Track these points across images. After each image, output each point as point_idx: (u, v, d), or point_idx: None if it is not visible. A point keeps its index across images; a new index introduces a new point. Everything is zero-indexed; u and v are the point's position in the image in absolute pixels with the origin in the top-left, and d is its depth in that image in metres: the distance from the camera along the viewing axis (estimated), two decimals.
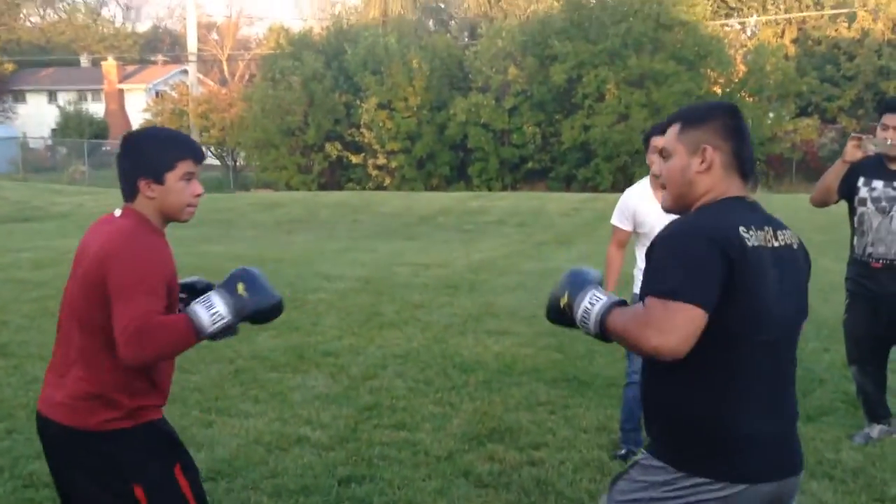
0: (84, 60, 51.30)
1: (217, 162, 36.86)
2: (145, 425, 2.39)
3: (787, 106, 28.93)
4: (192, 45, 35.31)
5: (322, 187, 30.06)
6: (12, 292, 8.60)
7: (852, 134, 4.27)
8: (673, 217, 2.20)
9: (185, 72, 39.69)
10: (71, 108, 41.80)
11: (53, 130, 41.53)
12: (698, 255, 1.90)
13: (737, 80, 28.92)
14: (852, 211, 4.42)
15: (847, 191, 4.36)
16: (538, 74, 28.34)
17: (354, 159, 30.27)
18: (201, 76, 39.61)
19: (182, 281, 2.58)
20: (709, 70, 28.53)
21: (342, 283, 9.21)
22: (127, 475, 2.35)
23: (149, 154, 2.43)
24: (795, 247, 2.09)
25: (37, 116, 44.90)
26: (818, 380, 5.57)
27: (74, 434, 2.37)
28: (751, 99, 28.72)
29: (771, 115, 28.69)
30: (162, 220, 2.49)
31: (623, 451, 4.22)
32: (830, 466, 4.09)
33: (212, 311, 2.25)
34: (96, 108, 44.49)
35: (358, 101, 30.11)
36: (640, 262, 4.22)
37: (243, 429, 4.64)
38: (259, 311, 2.34)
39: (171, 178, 2.41)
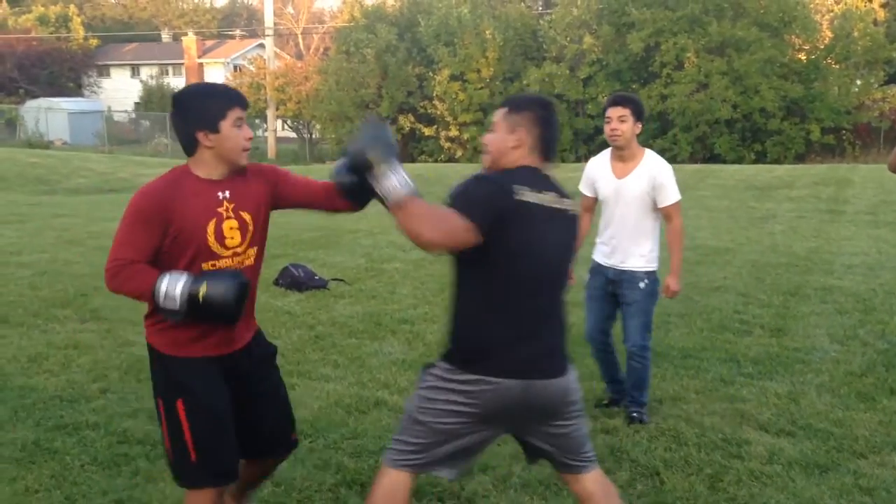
0: (165, 35, 52.60)
1: (293, 135, 37.46)
2: (183, 358, 2.73)
3: (876, 73, 27.72)
4: (268, 20, 35.78)
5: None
6: (103, 259, 8.92)
7: None
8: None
9: (262, 46, 40.28)
10: (153, 83, 43.00)
11: (136, 104, 42.81)
12: (483, 191, 2.47)
13: (822, 47, 27.85)
14: None
15: None
16: (614, 43, 27.82)
17: (427, 131, 30.35)
18: (277, 50, 40.14)
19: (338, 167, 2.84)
20: (793, 36, 27.54)
21: (416, 253, 9.30)
22: (156, 389, 2.81)
23: (201, 108, 2.66)
24: (570, 213, 2.62)
25: (121, 90, 46.37)
26: None
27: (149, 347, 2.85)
28: (837, 66, 27.65)
29: (858, 82, 27.57)
30: (224, 166, 2.70)
31: (605, 401, 4.59)
32: None
33: (170, 290, 2.57)
34: (177, 82, 45.61)
35: (431, 73, 30.12)
36: (603, 232, 4.37)
37: (324, 391, 4.78)
38: (208, 307, 2.59)
39: (225, 125, 2.63)
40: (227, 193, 2.69)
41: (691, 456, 3.87)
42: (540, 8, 33.42)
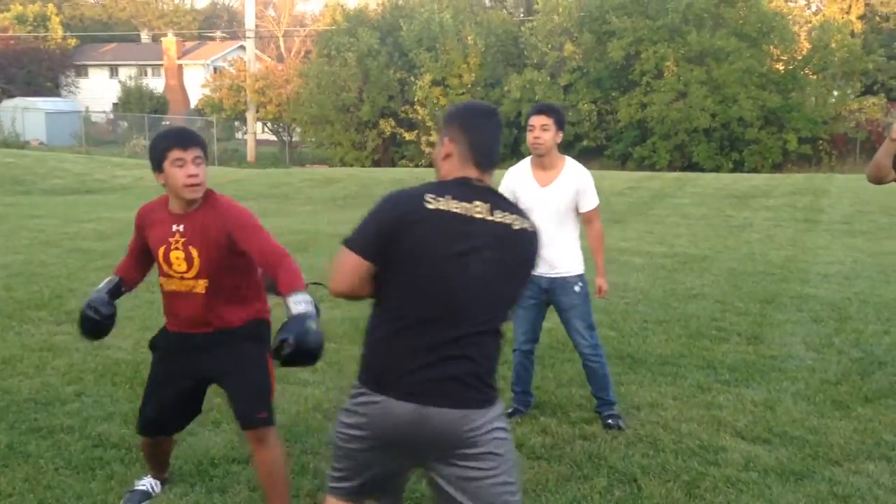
0: (144, 36, 52.25)
1: (273, 137, 37.33)
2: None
3: (853, 84, 28.11)
4: (249, 22, 35.66)
5: (375, 164, 30.27)
6: (78, 261, 8.88)
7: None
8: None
9: (243, 48, 40.12)
10: (132, 83, 42.64)
11: (115, 105, 42.45)
12: (376, 212, 2.32)
13: (800, 58, 28.18)
14: None
15: None
16: (595, 51, 28.01)
17: (408, 136, 30.37)
18: (258, 52, 40.00)
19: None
20: (771, 47, 27.85)
21: None
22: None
23: (152, 150, 3.11)
24: (516, 228, 2.33)
25: (99, 91, 45.98)
26: (877, 362, 5.48)
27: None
28: (814, 77, 27.98)
29: (835, 93, 27.92)
30: (177, 201, 3.13)
31: (511, 410, 4.46)
32: (888, 448, 4.04)
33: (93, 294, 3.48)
34: (156, 84, 45.32)
35: (412, 78, 30.15)
36: None
37: (302, 396, 4.76)
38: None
39: (167, 165, 3.03)
40: (182, 227, 3.11)
41: (668, 462, 3.88)
42: (521, 15, 33.55)
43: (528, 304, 4.41)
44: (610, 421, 4.35)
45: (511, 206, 2.39)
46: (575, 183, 4.29)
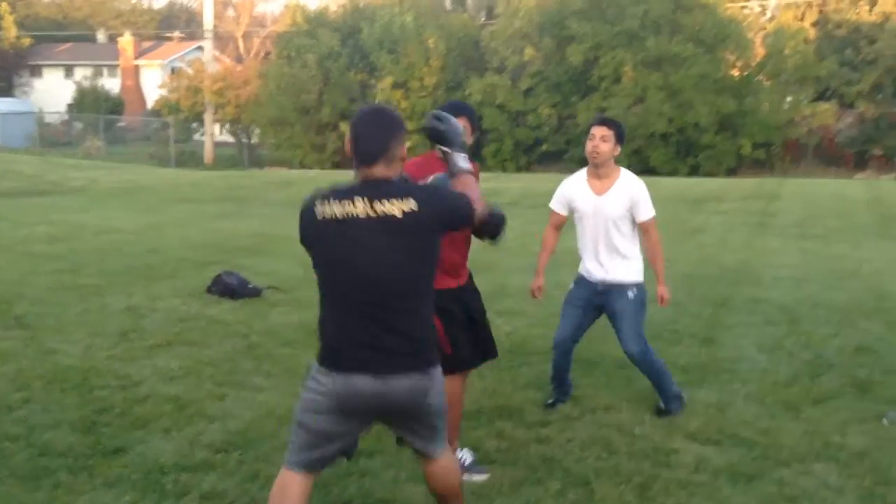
0: (101, 36, 51.38)
1: (231, 139, 36.94)
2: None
3: (806, 90, 28.63)
4: (208, 22, 35.26)
5: (336, 166, 30.11)
6: (29, 265, 8.70)
7: None
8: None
9: (201, 48, 39.66)
10: (87, 84, 41.92)
11: (69, 105, 41.69)
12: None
13: (755, 64, 28.64)
14: None
15: None
16: (555, 55, 28.18)
17: None
18: (217, 53, 39.55)
19: None
20: (727, 53, 28.26)
21: None
22: None
23: None
24: (398, 215, 2.62)
25: (53, 91, 45.07)
26: (827, 364, 5.58)
27: None
28: (769, 83, 28.46)
29: (788, 99, 28.40)
30: None
31: (550, 401, 4.73)
32: (836, 449, 4.11)
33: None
34: (112, 84, 44.59)
35: (373, 80, 30.07)
36: (587, 247, 4.62)
37: (255, 402, 4.70)
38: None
39: None
40: None
41: (622, 465, 3.91)
42: (483, 19, 33.65)
43: (577, 304, 4.64)
44: (662, 405, 4.56)
45: (394, 191, 2.65)
46: (629, 193, 4.42)
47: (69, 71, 48.06)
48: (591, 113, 27.18)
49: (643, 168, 27.00)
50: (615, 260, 4.47)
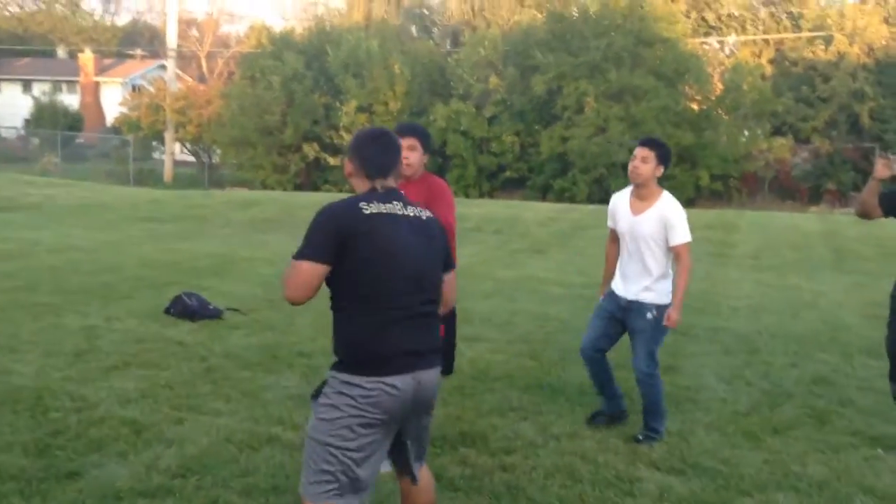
0: (61, 52, 50.79)
1: (192, 158, 36.60)
2: None
3: (762, 125, 29.27)
4: (171, 41, 35.01)
5: (298, 188, 29.96)
6: None
7: (879, 154, 4.50)
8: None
9: (164, 67, 39.34)
10: (45, 99, 41.29)
11: (27, 121, 41.00)
12: (321, 222, 2.76)
13: (714, 98, 29.22)
14: None
15: (891, 209, 4.57)
16: (519, 84, 28.46)
17: (332, 161, 30.18)
18: (179, 72, 39.26)
19: None
20: (687, 87, 28.81)
21: None
22: None
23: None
24: (424, 218, 2.90)
25: (10, 106, 44.28)
26: (786, 394, 5.65)
27: None
28: (727, 117, 29.04)
29: (746, 133, 29.00)
30: None
31: (592, 414, 4.92)
32: (796, 479, 4.15)
33: None
34: (71, 100, 44.01)
35: (338, 104, 30.05)
36: (620, 263, 4.68)
37: (214, 427, 4.60)
38: None
39: None
40: None
41: (586, 493, 3.90)
42: (448, 46, 33.92)
43: (602, 315, 4.75)
44: (640, 437, 4.58)
45: (413, 203, 2.93)
46: (663, 216, 4.46)
47: (27, 86, 47.34)
48: (553, 142, 27.51)
49: (604, 197, 27.32)
50: (643, 280, 4.51)
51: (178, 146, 35.37)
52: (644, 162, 4.43)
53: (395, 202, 2.84)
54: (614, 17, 27.58)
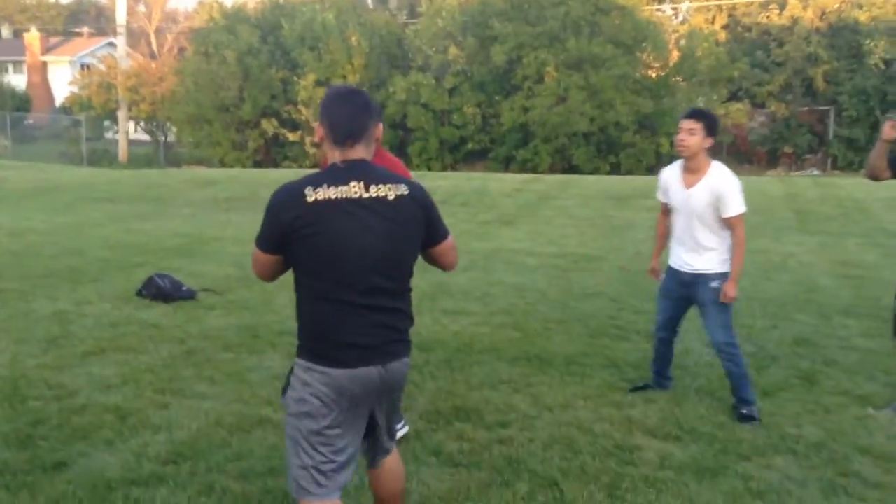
0: (5, 31, 49.23)
1: (146, 137, 35.84)
2: None
3: (719, 90, 29.49)
4: (120, 17, 34.05)
5: (257, 164, 29.54)
6: None
7: (888, 117, 4.52)
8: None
9: (112, 44, 38.35)
10: None
11: None
12: (269, 211, 2.57)
13: (671, 66, 29.35)
14: None
15: None
16: (478, 55, 28.26)
17: (291, 136, 29.78)
18: (129, 49, 38.28)
19: None
20: (645, 54, 28.87)
21: None
22: None
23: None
24: (393, 198, 2.56)
25: None
26: (770, 356, 5.69)
27: None
28: (684, 83, 29.21)
29: (701, 99, 29.19)
30: None
31: (641, 384, 4.93)
32: (793, 441, 4.17)
33: None
34: (18, 81, 42.77)
35: (295, 78, 29.59)
36: (675, 237, 4.62)
37: (201, 410, 4.49)
38: None
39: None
40: None
41: (587, 464, 3.87)
42: (405, 17, 33.52)
43: (670, 296, 4.70)
44: (744, 411, 4.44)
45: (384, 178, 2.60)
46: (715, 188, 4.37)
47: None
48: (515, 113, 27.43)
49: (566, 167, 27.41)
50: (700, 252, 4.46)
51: (131, 125, 34.58)
52: (691, 134, 4.34)
53: (353, 182, 2.53)
54: None
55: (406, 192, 2.60)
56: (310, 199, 2.49)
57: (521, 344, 5.89)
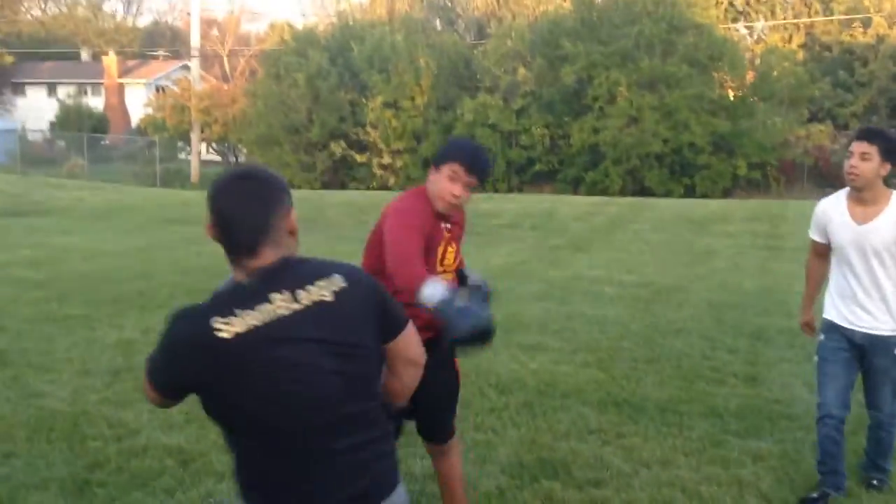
0: (84, 54, 50.90)
1: (218, 158, 36.42)
2: None
3: (799, 111, 28.50)
4: (195, 40, 34.75)
5: (325, 186, 29.62)
6: (11, 292, 8.14)
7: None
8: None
9: (187, 67, 39.16)
10: (70, 102, 41.32)
11: (52, 123, 41.05)
12: (162, 351, 1.88)
13: (748, 85, 28.50)
14: None
15: None
16: (547, 75, 27.89)
17: (359, 158, 29.82)
18: (202, 72, 39.07)
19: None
20: (721, 73, 28.10)
21: None
22: None
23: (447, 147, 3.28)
24: (330, 299, 1.89)
25: (36, 110, 44.44)
26: None
27: None
28: (762, 103, 28.31)
29: (778, 119, 28.23)
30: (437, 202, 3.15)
31: (815, 495, 3.81)
32: None
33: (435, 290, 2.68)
34: (96, 103, 44.04)
35: (363, 100, 29.67)
36: (842, 286, 3.84)
37: None
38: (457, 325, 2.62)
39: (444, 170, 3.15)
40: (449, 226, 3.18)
41: None
42: (473, 38, 33.41)
43: (838, 358, 3.79)
44: (875, 482, 3.95)
45: (311, 273, 1.91)
46: None
47: (52, 89, 47.46)
48: (585, 134, 26.93)
49: (638, 188, 26.75)
50: (878, 305, 3.69)
51: (203, 146, 35.18)
52: (864, 160, 3.57)
53: (275, 296, 1.84)
54: (645, 3, 26.93)
55: (345, 285, 1.92)
56: (223, 334, 1.78)
57: (607, 386, 5.45)
